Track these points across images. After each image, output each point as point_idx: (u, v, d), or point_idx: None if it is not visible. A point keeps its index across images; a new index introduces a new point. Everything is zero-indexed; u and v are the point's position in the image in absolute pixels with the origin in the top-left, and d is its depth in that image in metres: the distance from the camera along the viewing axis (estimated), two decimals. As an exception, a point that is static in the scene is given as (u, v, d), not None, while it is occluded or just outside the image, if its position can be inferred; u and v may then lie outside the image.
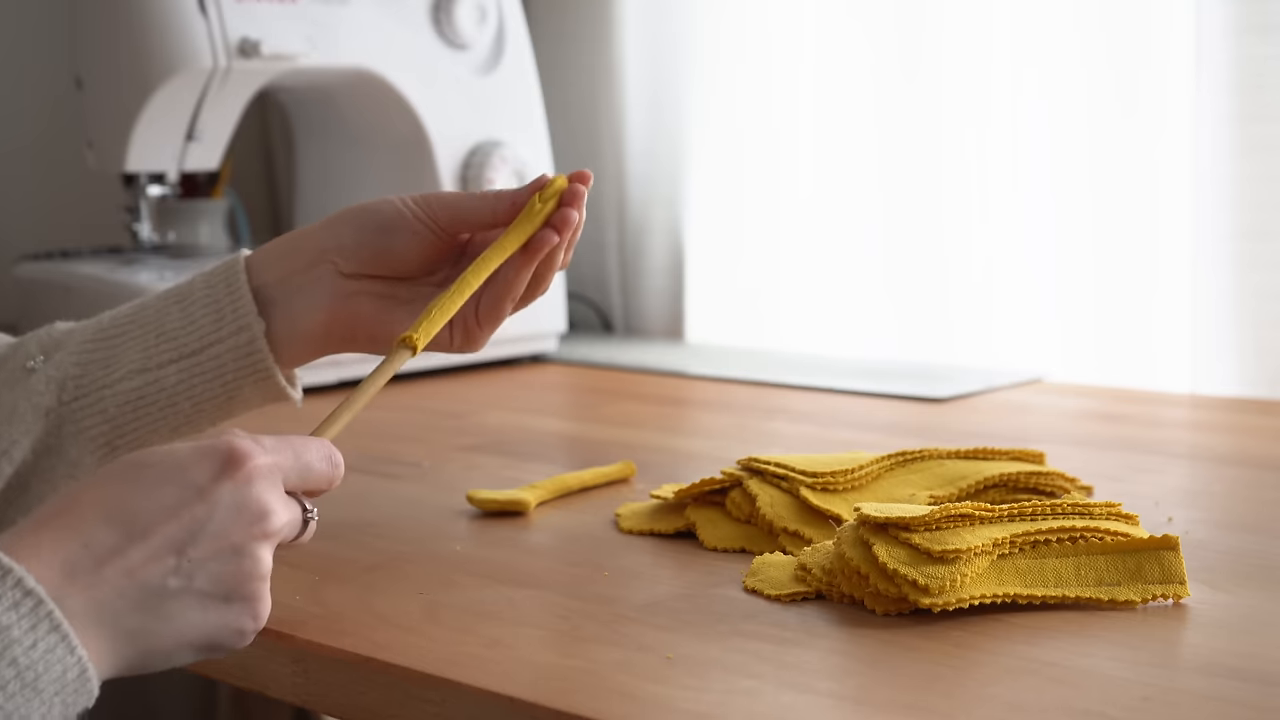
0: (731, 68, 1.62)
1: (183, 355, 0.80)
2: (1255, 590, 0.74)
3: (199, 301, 0.81)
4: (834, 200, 1.56)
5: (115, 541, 0.59)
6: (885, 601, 0.71)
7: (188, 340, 0.80)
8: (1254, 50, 1.24)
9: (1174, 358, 1.34)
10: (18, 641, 0.55)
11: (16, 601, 0.56)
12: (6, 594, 0.56)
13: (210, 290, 0.81)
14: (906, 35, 1.49)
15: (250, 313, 0.80)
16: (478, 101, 1.48)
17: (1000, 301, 1.46)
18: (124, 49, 1.34)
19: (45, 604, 0.56)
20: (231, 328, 0.80)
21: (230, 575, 0.62)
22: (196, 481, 0.61)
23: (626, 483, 1.00)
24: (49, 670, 0.56)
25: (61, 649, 0.56)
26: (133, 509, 0.60)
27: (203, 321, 0.80)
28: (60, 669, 0.56)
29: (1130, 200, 1.36)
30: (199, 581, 0.61)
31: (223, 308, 0.81)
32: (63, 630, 0.56)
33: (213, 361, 0.80)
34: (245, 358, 0.80)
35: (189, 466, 0.62)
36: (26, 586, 0.56)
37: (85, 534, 0.59)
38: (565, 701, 0.61)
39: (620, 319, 1.75)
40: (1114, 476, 0.98)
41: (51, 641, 0.56)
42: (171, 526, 0.60)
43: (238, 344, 0.80)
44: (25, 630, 0.56)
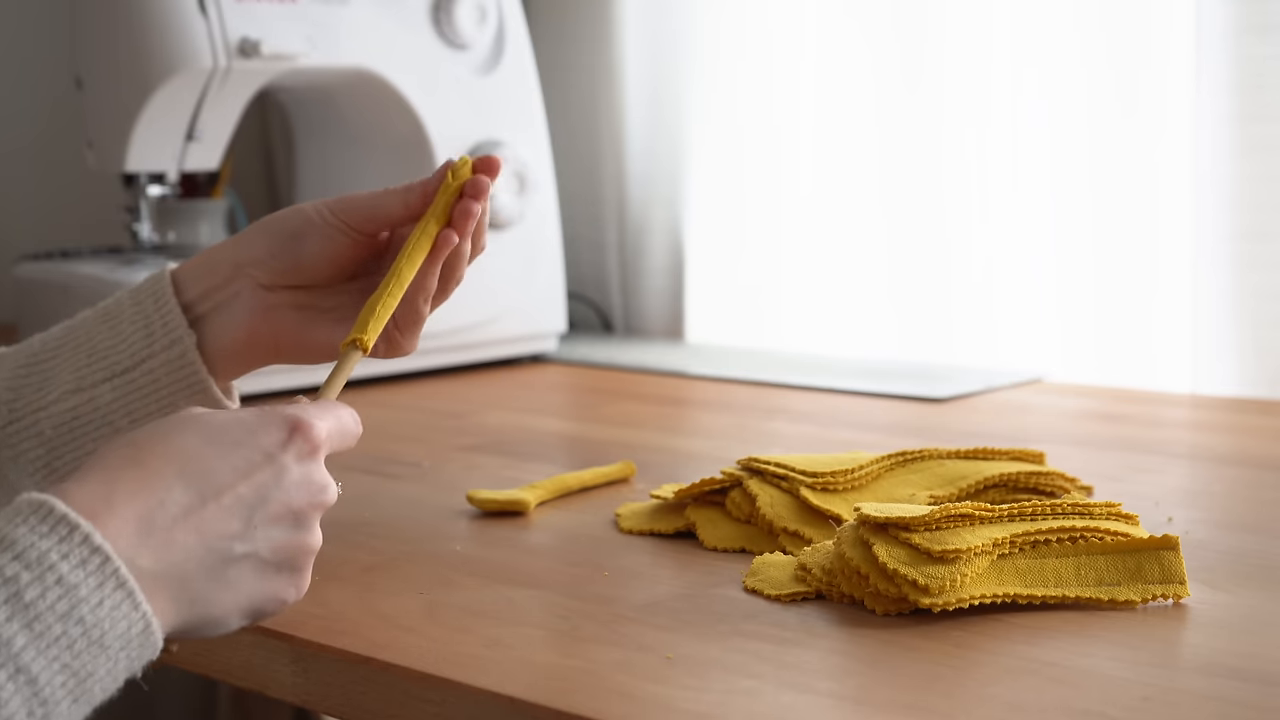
0: (732, 67, 1.62)
1: (115, 373, 0.79)
2: (1255, 590, 0.74)
3: (127, 319, 0.80)
4: (834, 200, 1.56)
5: (190, 500, 0.60)
6: (885, 601, 0.71)
7: (119, 358, 0.79)
8: (1254, 50, 1.24)
9: (1174, 358, 1.34)
10: (85, 600, 0.56)
11: (84, 559, 0.56)
12: (74, 551, 0.56)
13: (138, 306, 0.80)
14: (907, 35, 1.49)
15: (180, 326, 0.79)
16: (478, 101, 1.48)
17: (1000, 301, 1.46)
18: (124, 49, 1.34)
19: (112, 561, 0.57)
20: (163, 342, 0.79)
21: (289, 544, 0.63)
22: (267, 446, 0.63)
23: (626, 483, 1.00)
24: (114, 627, 0.57)
25: (127, 605, 0.57)
26: (207, 468, 0.61)
27: (133, 338, 0.80)
28: (125, 624, 0.57)
29: (1130, 200, 1.36)
30: (261, 548, 0.62)
31: (152, 323, 0.80)
32: (129, 587, 0.57)
33: (146, 377, 0.79)
34: (178, 371, 0.80)
35: (258, 431, 0.63)
36: (94, 543, 0.56)
37: (160, 490, 0.60)
38: (565, 701, 0.61)
39: (620, 319, 1.75)
40: (1114, 476, 0.98)
41: (118, 598, 0.57)
42: (243, 488, 0.62)
43: (170, 358, 0.79)
44: (93, 588, 0.56)
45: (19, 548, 0.56)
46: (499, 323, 1.49)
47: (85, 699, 0.56)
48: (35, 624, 0.55)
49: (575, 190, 1.74)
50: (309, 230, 0.81)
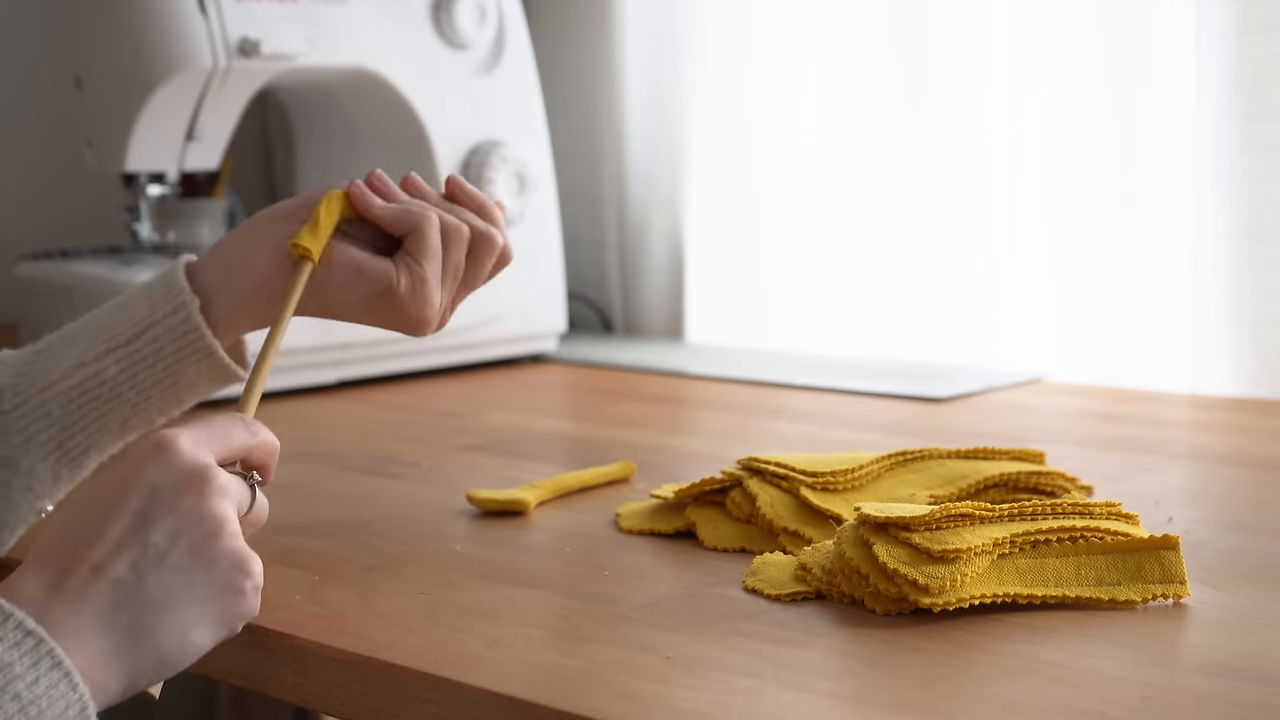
0: (732, 66, 1.62)
1: (119, 344, 0.79)
2: (1255, 590, 0.74)
3: (136, 296, 0.81)
4: (834, 200, 1.56)
5: (75, 551, 0.61)
6: (885, 601, 0.71)
7: (120, 329, 0.79)
8: (1254, 50, 1.24)
9: (1174, 357, 1.34)
10: (20, 677, 0.56)
11: (18, 641, 0.57)
12: (8, 635, 0.57)
13: (146, 288, 0.81)
14: (908, 35, 1.49)
15: (184, 291, 0.79)
16: (478, 101, 1.48)
17: (1000, 301, 1.46)
18: (124, 49, 1.34)
19: (46, 642, 0.57)
20: (165, 309, 0.79)
21: (197, 540, 0.62)
22: (127, 478, 0.63)
23: (626, 483, 1.00)
24: (52, 706, 0.57)
25: (64, 685, 0.57)
26: (81, 523, 0.62)
27: (137, 311, 0.80)
28: (63, 704, 0.57)
29: (1130, 199, 1.36)
30: (171, 558, 0.62)
31: (155, 295, 0.80)
32: (65, 667, 0.58)
33: (150, 345, 0.79)
34: (182, 336, 0.79)
35: (119, 472, 0.63)
36: (27, 628, 0.57)
37: (50, 559, 0.61)
38: (565, 701, 0.61)
39: (620, 319, 1.75)
40: (1114, 476, 0.98)
41: (54, 678, 0.57)
42: (121, 521, 0.62)
43: (173, 324, 0.79)
44: (27, 667, 0.57)
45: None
46: (499, 323, 1.49)
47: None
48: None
49: (575, 190, 1.74)
50: None
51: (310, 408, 1.29)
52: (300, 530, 0.89)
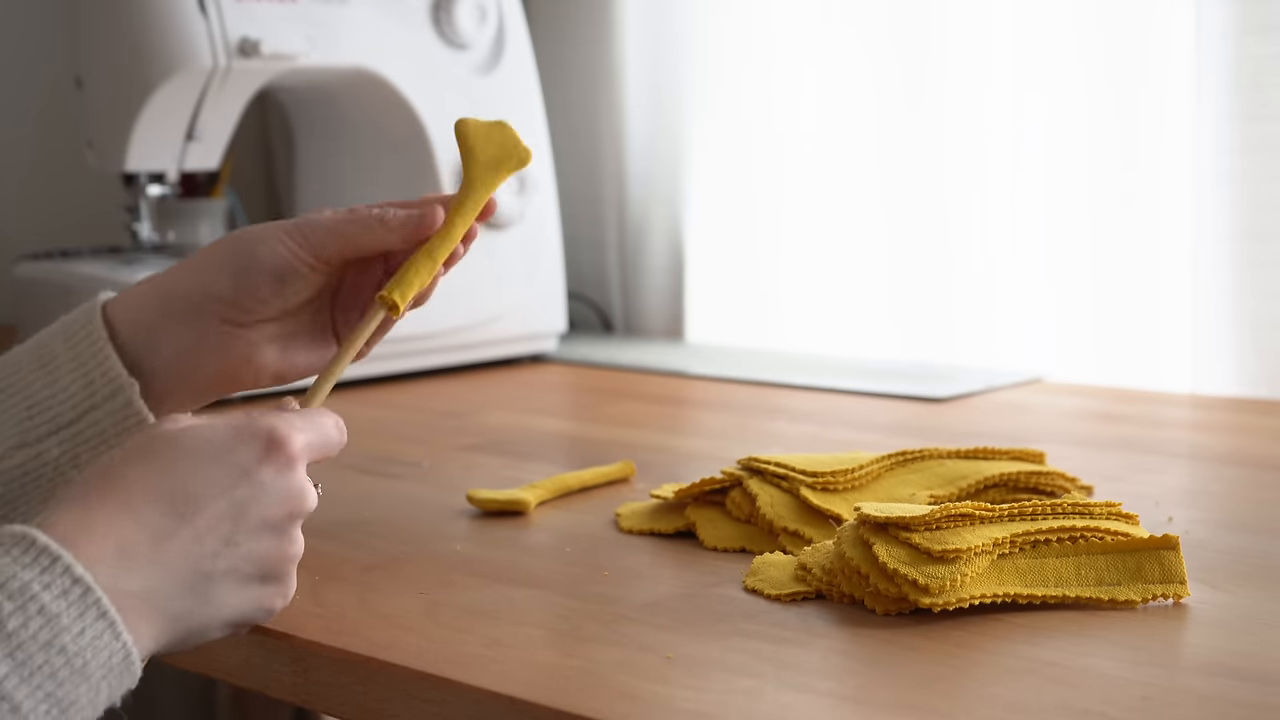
0: (732, 67, 1.62)
1: (60, 426, 0.77)
2: (1255, 590, 0.74)
3: (64, 367, 0.77)
4: (834, 200, 1.56)
5: (168, 523, 0.61)
6: (885, 601, 0.71)
7: (61, 410, 0.77)
8: (1254, 50, 1.24)
9: (1174, 358, 1.34)
10: (67, 629, 0.56)
11: (65, 589, 0.57)
12: (55, 582, 0.57)
13: (73, 353, 0.77)
14: (907, 35, 1.49)
15: (120, 375, 0.76)
16: (478, 101, 1.48)
17: (1000, 301, 1.46)
18: (124, 49, 1.34)
19: (93, 591, 0.57)
20: (105, 393, 0.77)
21: (270, 556, 0.64)
22: (242, 463, 0.63)
23: (626, 483, 1.00)
24: (96, 656, 0.57)
25: (109, 635, 0.58)
26: (183, 489, 0.62)
27: (73, 389, 0.77)
28: (107, 654, 0.58)
29: (1130, 200, 1.36)
30: (242, 563, 0.63)
31: (90, 373, 0.77)
32: (110, 617, 0.58)
33: (93, 428, 0.77)
34: (124, 420, 0.77)
35: (234, 447, 0.63)
36: (75, 574, 0.57)
37: (137, 515, 0.61)
38: (565, 701, 0.61)
39: (620, 319, 1.75)
40: (1114, 476, 0.98)
41: (99, 628, 0.57)
42: (220, 506, 0.62)
43: (114, 408, 0.77)
44: (74, 618, 0.57)
45: (1, 578, 0.56)
46: (499, 323, 1.49)
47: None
48: (18, 653, 0.55)
49: (575, 190, 1.74)
50: (282, 271, 0.77)
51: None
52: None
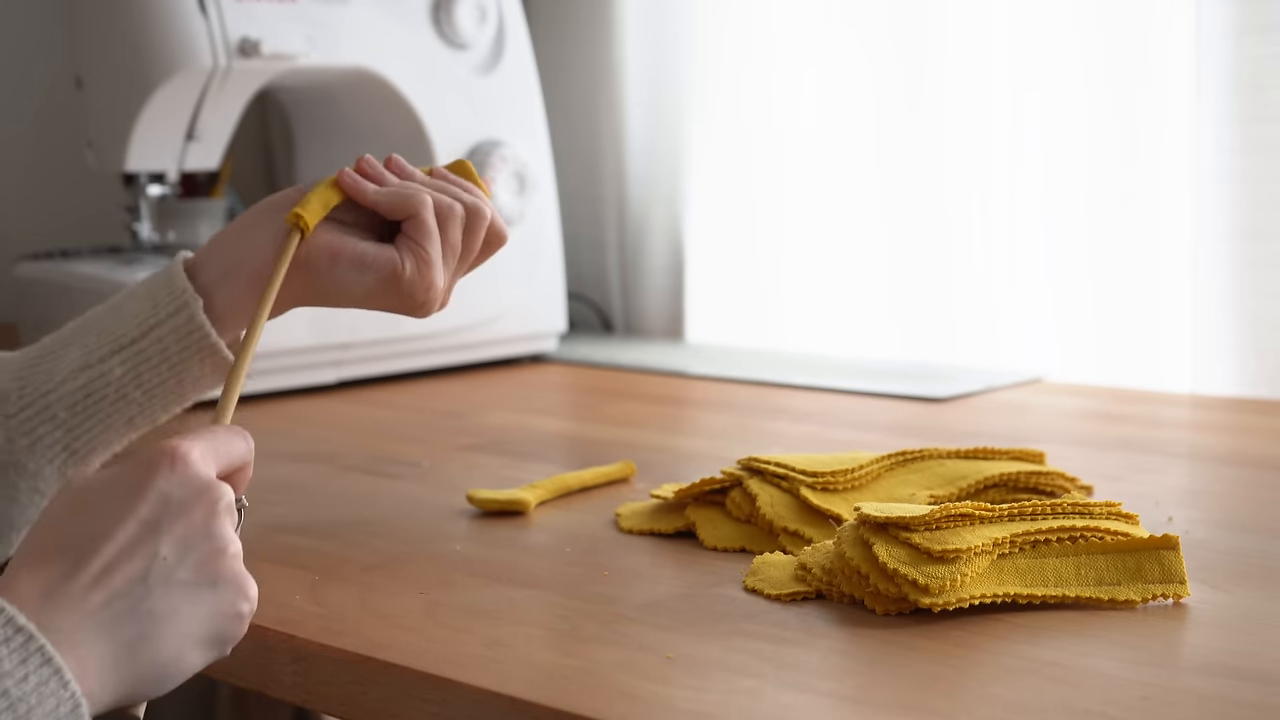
0: (732, 67, 1.62)
1: (123, 345, 0.79)
2: (1255, 590, 0.74)
3: (137, 296, 0.81)
4: (834, 200, 1.56)
5: (79, 556, 0.60)
6: (885, 601, 0.71)
7: (124, 329, 0.80)
8: (1254, 50, 1.24)
9: (1174, 358, 1.34)
10: (9, 674, 0.55)
11: (7, 637, 0.56)
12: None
13: (146, 286, 0.81)
14: (907, 35, 1.49)
15: (186, 290, 0.79)
16: (478, 101, 1.48)
17: (1000, 301, 1.46)
18: (124, 49, 1.34)
19: (36, 639, 0.56)
20: (168, 309, 0.79)
21: (205, 558, 0.62)
22: (139, 485, 0.62)
23: (626, 483, 1.00)
24: (42, 703, 0.56)
25: (55, 683, 0.56)
26: (88, 528, 0.61)
27: (141, 312, 0.80)
28: (54, 702, 0.56)
29: (1130, 200, 1.36)
30: (179, 573, 0.61)
31: (157, 294, 0.80)
32: (55, 664, 0.56)
33: (155, 345, 0.79)
34: (187, 335, 0.79)
35: (126, 477, 0.62)
36: (17, 624, 0.56)
37: (51, 561, 0.60)
38: (565, 701, 0.61)
39: (620, 319, 1.75)
40: (1114, 476, 0.98)
41: (44, 675, 0.56)
42: (130, 529, 0.61)
43: (177, 324, 0.79)
44: (16, 664, 0.56)
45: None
46: (499, 323, 1.49)
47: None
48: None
49: (575, 190, 1.74)
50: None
51: (310, 408, 1.29)
52: (300, 530, 0.89)
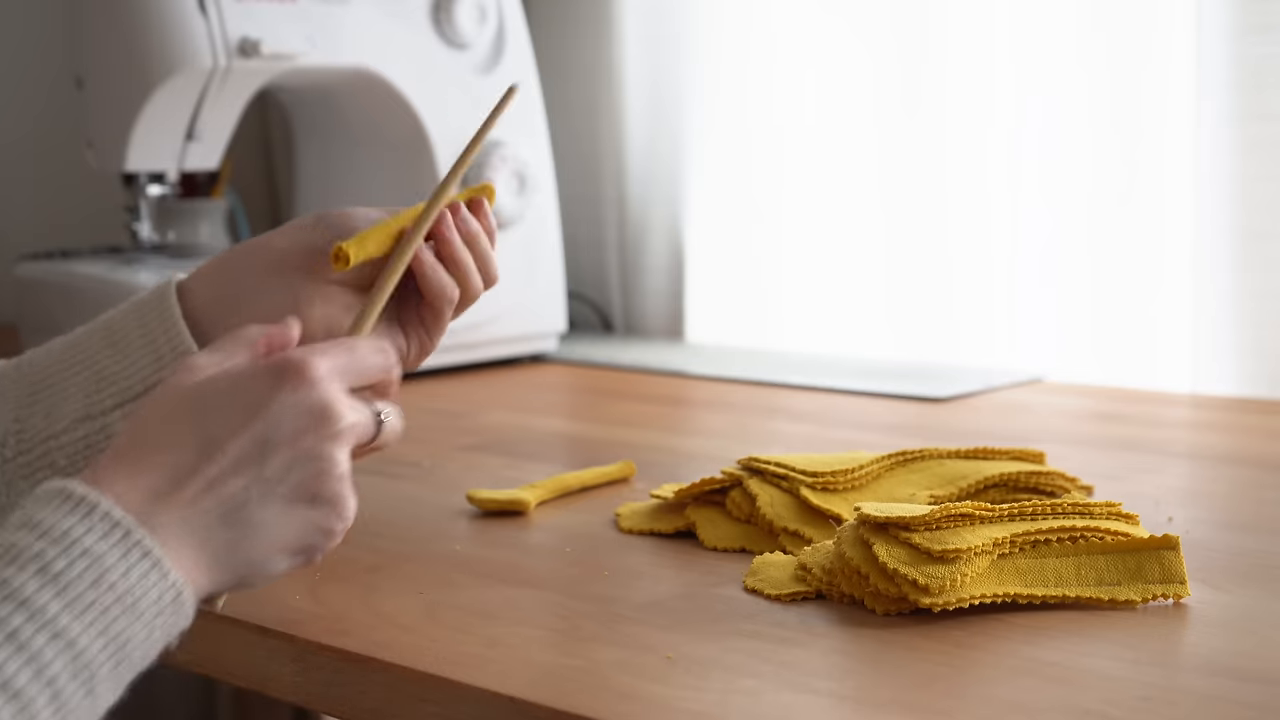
0: (732, 67, 1.62)
1: (126, 399, 0.78)
2: (1255, 590, 0.74)
3: (134, 342, 0.78)
4: (834, 199, 1.56)
5: (191, 461, 0.62)
6: (885, 601, 0.71)
7: (129, 383, 0.78)
8: (1254, 50, 1.24)
9: (1174, 357, 1.34)
10: (113, 568, 0.58)
11: (106, 532, 0.58)
12: (96, 526, 0.58)
13: (143, 326, 0.78)
14: (908, 35, 1.49)
15: (189, 345, 0.77)
16: (478, 101, 1.48)
17: (1000, 301, 1.46)
18: (124, 49, 1.34)
19: (134, 533, 0.59)
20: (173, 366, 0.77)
21: (310, 479, 0.64)
22: (256, 398, 0.64)
23: (626, 483, 1.00)
24: (146, 594, 0.58)
25: (155, 574, 0.59)
26: (203, 430, 0.63)
27: (141, 361, 0.78)
28: (156, 593, 0.59)
29: (1130, 200, 1.36)
30: (280, 489, 0.63)
31: (160, 346, 0.78)
32: (154, 556, 0.59)
33: None
34: None
35: (246, 385, 0.64)
36: (114, 518, 0.59)
37: (161, 459, 0.62)
38: (565, 701, 0.61)
39: (620, 319, 1.75)
40: (1114, 476, 0.98)
41: (145, 567, 0.59)
42: (242, 441, 0.63)
43: None
44: (118, 558, 0.58)
45: (43, 528, 0.58)
46: (499, 323, 1.49)
47: (126, 665, 0.58)
48: (67, 591, 0.57)
49: (575, 190, 1.74)
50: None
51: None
52: (300, 530, 0.88)
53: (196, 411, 0.63)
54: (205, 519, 0.62)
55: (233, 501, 0.62)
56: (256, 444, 0.63)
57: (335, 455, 0.64)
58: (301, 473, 0.64)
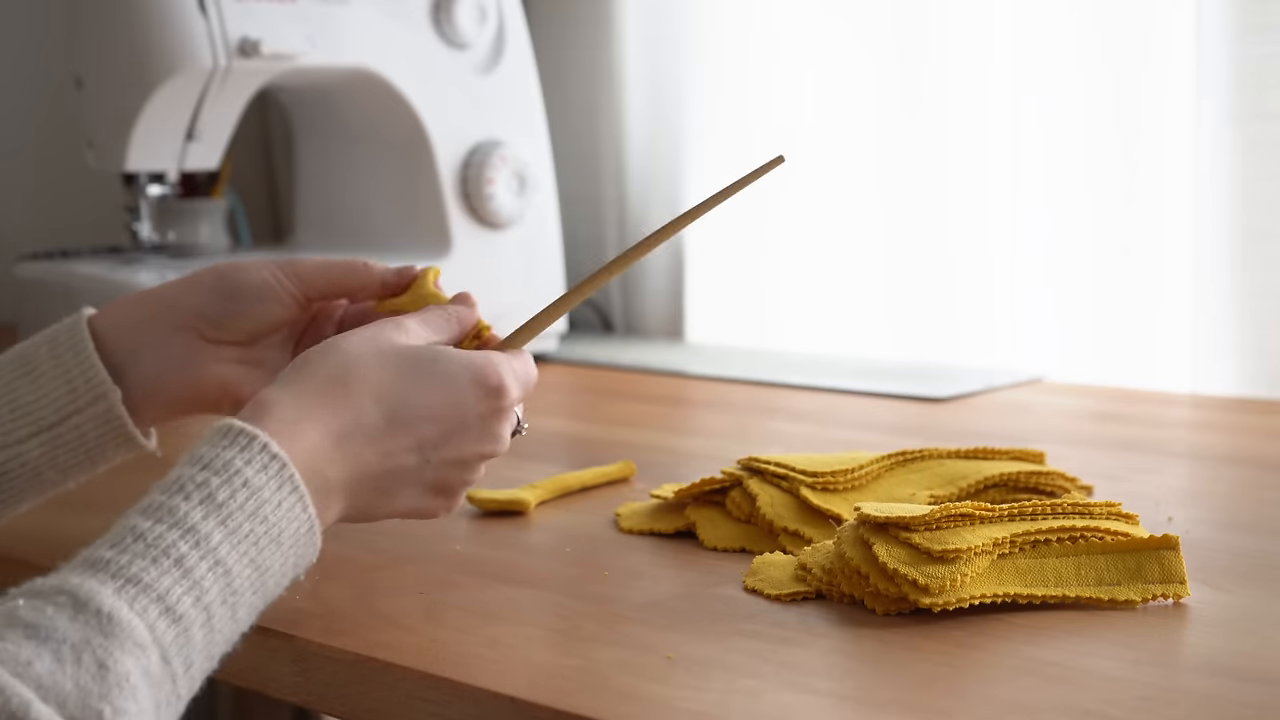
0: (732, 67, 1.62)
1: (41, 429, 0.79)
2: (1255, 590, 0.74)
3: (47, 373, 0.80)
4: (834, 199, 1.56)
5: (381, 426, 0.68)
6: (885, 601, 0.71)
7: (44, 414, 0.79)
8: (1254, 50, 1.24)
9: (1174, 357, 1.34)
10: (268, 500, 0.62)
11: (265, 464, 0.63)
12: (255, 458, 0.63)
13: (57, 360, 0.80)
14: (908, 35, 1.49)
15: (105, 382, 0.79)
16: (478, 101, 1.48)
17: (1000, 301, 1.46)
18: (124, 49, 1.34)
19: (288, 466, 0.63)
20: (87, 398, 0.79)
21: (455, 481, 0.72)
22: (463, 398, 0.70)
23: (626, 483, 1.00)
24: (290, 526, 0.63)
25: (299, 508, 0.64)
26: (403, 401, 0.69)
27: (56, 394, 0.80)
28: (296, 525, 0.64)
29: (1130, 199, 1.36)
30: (429, 476, 0.70)
31: (74, 379, 0.80)
32: (300, 490, 0.64)
33: (74, 432, 0.80)
34: (105, 425, 0.80)
35: (462, 385, 0.70)
36: (272, 451, 0.63)
37: (358, 410, 0.67)
38: (565, 701, 0.61)
39: (620, 319, 1.75)
40: (1114, 476, 0.98)
41: (291, 501, 0.63)
42: (429, 428, 0.69)
43: (96, 413, 0.80)
44: (273, 490, 0.63)
45: (206, 459, 0.62)
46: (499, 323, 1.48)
47: (263, 593, 0.63)
48: (229, 521, 0.61)
49: (575, 190, 1.74)
50: (265, 294, 0.81)
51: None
52: (300, 530, 0.88)
53: (406, 380, 0.69)
54: (367, 479, 0.68)
55: (393, 475, 0.69)
56: (437, 439, 0.69)
57: (480, 470, 0.73)
58: (454, 474, 0.71)
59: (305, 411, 0.66)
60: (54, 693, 0.53)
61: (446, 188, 1.46)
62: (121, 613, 0.56)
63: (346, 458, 0.67)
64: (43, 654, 0.53)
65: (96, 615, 0.55)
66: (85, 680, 0.53)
